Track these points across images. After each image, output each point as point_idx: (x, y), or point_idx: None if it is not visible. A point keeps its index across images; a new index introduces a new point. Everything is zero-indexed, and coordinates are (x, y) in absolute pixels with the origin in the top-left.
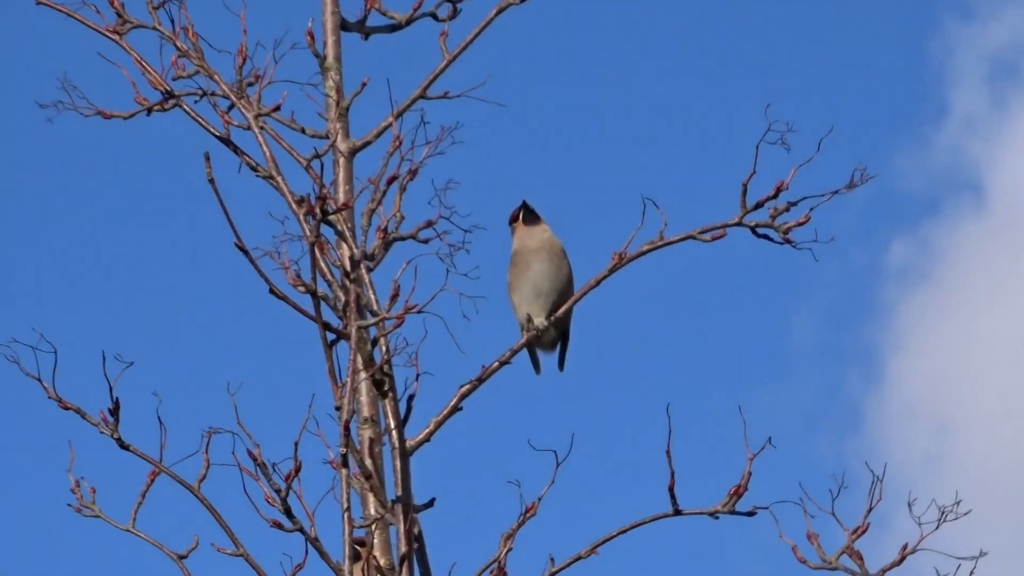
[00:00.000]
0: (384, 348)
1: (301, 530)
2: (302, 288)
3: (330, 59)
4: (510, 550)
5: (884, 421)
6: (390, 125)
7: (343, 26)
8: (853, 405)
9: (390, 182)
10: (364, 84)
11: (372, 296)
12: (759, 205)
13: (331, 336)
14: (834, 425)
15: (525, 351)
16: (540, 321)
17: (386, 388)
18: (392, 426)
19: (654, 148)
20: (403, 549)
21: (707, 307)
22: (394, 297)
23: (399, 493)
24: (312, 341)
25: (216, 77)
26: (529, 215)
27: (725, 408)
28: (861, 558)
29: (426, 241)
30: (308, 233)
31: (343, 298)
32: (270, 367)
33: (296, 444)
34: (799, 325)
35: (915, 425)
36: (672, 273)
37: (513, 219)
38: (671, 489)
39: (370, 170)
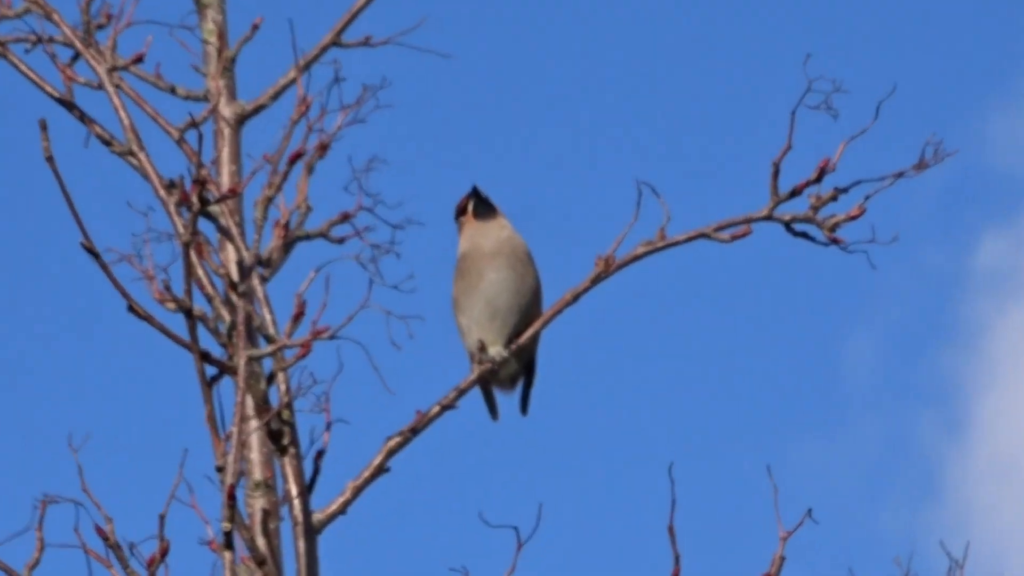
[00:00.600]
0: (284, 387)
1: None
2: (172, 305)
3: None
4: None
5: (968, 483)
6: (293, 82)
7: None
8: (927, 461)
9: (292, 161)
10: (256, 26)
11: (267, 316)
12: (796, 192)
13: (211, 371)
14: (901, 489)
15: (477, 390)
16: (497, 351)
17: (286, 442)
18: (294, 493)
19: (650, 117)
20: None
21: (727, 331)
22: (297, 317)
23: None
24: (186, 377)
25: (55, 17)
26: (482, 206)
27: (752, 467)
28: None
29: (341, 241)
30: (181, 230)
31: (228, 319)
32: (128, 412)
33: (162, 518)
34: (854, 354)
35: (1010, 489)
36: (678, 285)
37: (460, 211)
38: None
39: (265, 144)
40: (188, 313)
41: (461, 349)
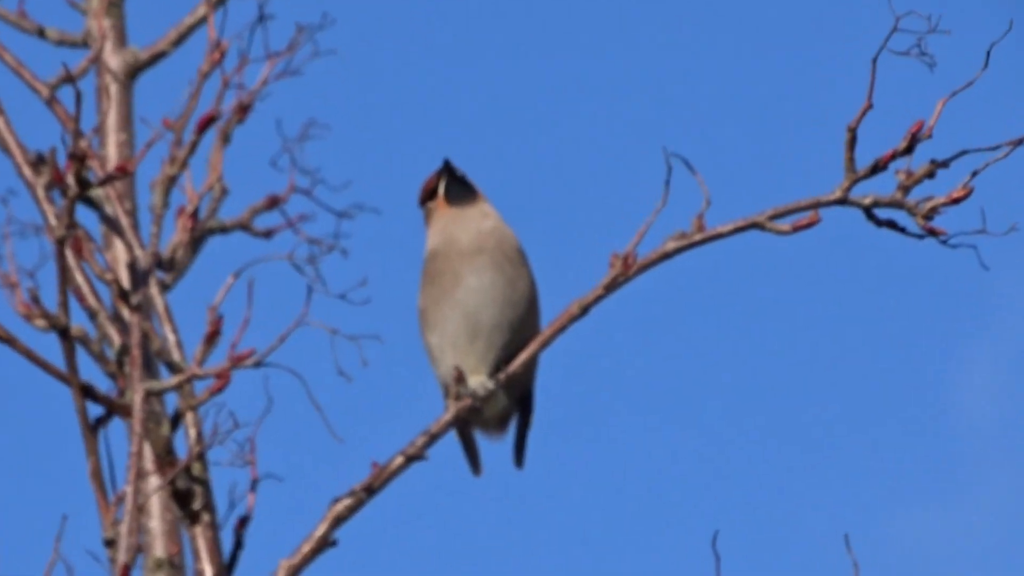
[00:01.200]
0: (194, 432)
1: None
2: (42, 322)
3: None
4: None
5: None
6: (202, 22)
7: None
8: None
9: (202, 127)
10: None
11: (170, 336)
12: (880, 167)
13: (96, 410)
14: None
15: (453, 435)
16: (479, 381)
17: (197, 506)
18: (209, 575)
19: (677, 69)
20: None
21: (786, 357)
22: (211, 338)
23: None
24: (62, 419)
25: None
26: (456, 187)
27: (829, 541)
28: None
29: (268, 234)
30: (53, 221)
31: (117, 340)
32: None
33: None
34: (965, 388)
35: None
36: (720, 293)
37: (428, 194)
38: None
39: (165, 106)
40: (63, 333)
41: (432, 379)
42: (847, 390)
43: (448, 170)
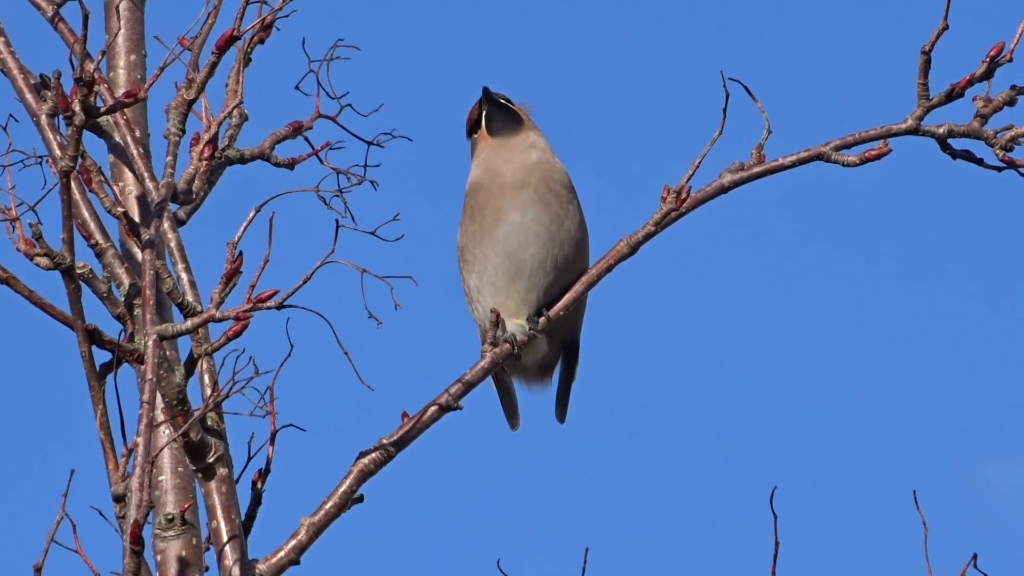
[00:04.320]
0: (209, 380)
1: None
2: (45, 260)
3: None
4: None
5: None
6: None
7: None
8: None
9: (222, 47)
10: None
11: (184, 276)
12: (955, 94)
13: (103, 356)
14: None
15: (489, 384)
16: (519, 325)
17: (212, 459)
18: (225, 534)
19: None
20: None
21: (857, 297)
22: (230, 277)
23: None
24: (67, 364)
25: None
26: (499, 116)
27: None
28: None
29: (292, 165)
30: (57, 152)
31: (126, 280)
32: None
33: (38, 569)
34: None
35: None
36: (783, 229)
37: (472, 125)
38: None
39: (180, 24)
40: (68, 272)
41: (469, 323)
42: (923, 332)
43: (488, 98)
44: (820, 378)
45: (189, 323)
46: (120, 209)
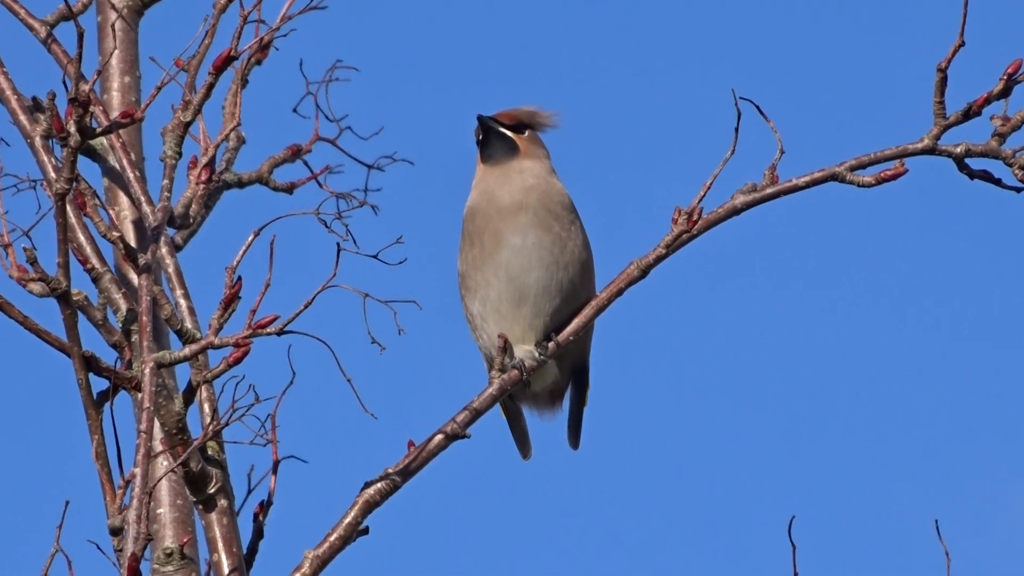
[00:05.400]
0: (209, 409)
1: None
2: (39, 286)
3: None
4: None
5: None
6: None
7: None
8: None
9: (219, 68)
10: None
11: (183, 302)
12: (972, 112)
13: (100, 384)
14: None
15: (498, 412)
16: (527, 352)
17: (212, 490)
18: (226, 567)
19: (750, 8)
20: None
21: (878, 319)
22: (229, 303)
23: None
24: (63, 393)
25: None
26: (494, 142)
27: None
28: None
29: (290, 189)
30: (52, 175)
31: (123, 306)
32: None
33: None
34: None
35: None
36: (795, 253)
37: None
38: None
39: (176, 45)
40: (64, 298)
41: (474, 349)
42: (948, 359)
43: (483, 126)
44: (841, 404)
45: (187, 350)
46: (115, 234)
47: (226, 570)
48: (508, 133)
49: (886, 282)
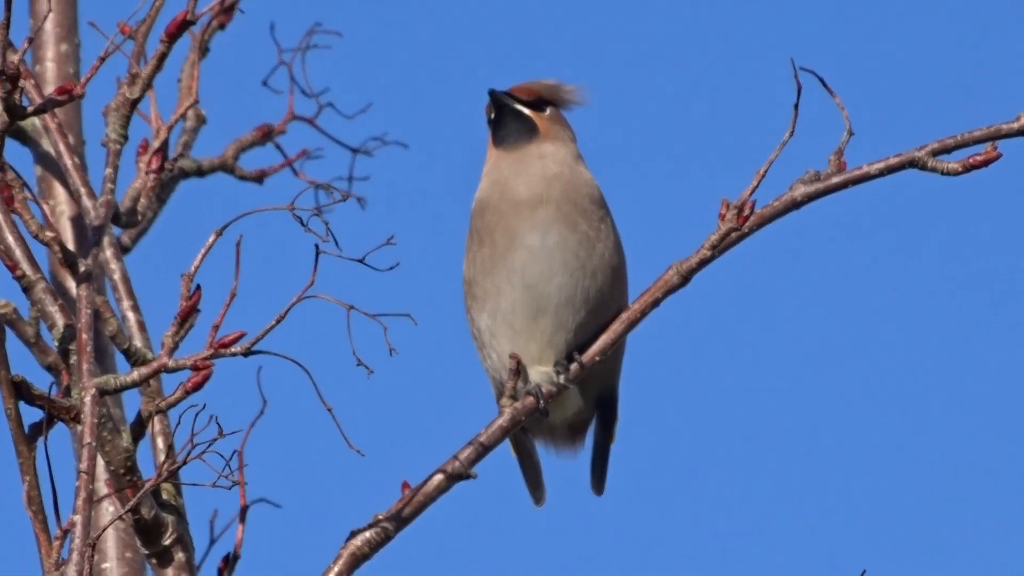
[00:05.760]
0: (163, 444)
1: None
2: None
3: None
4: None
5: None
6: None
7: None
8: None
9: (172, 36)
10: None
11: (132, 316)
12: None
13: (33, 415)
14: None
15: (507, 448)
16: (545, 374)
17: (167, 541)
18: None
19: None
20: None
21: (966, 328)
22: (186, 316)
23: None
24: None
25: None
26: (508, 121)
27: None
28: None
29: (260, 178)
30: None
31: (60, 321)
32: None
33: None
34: None
35: None
36: (865, 252)
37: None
38: None
39: (121, 7)
40: None
41: (481, 372)
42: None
43: (496, 102)
44: (901, 439)
45: (136, 374)
46: (50, 234)
47: None
48: (526, 111)
49: (970, 290)
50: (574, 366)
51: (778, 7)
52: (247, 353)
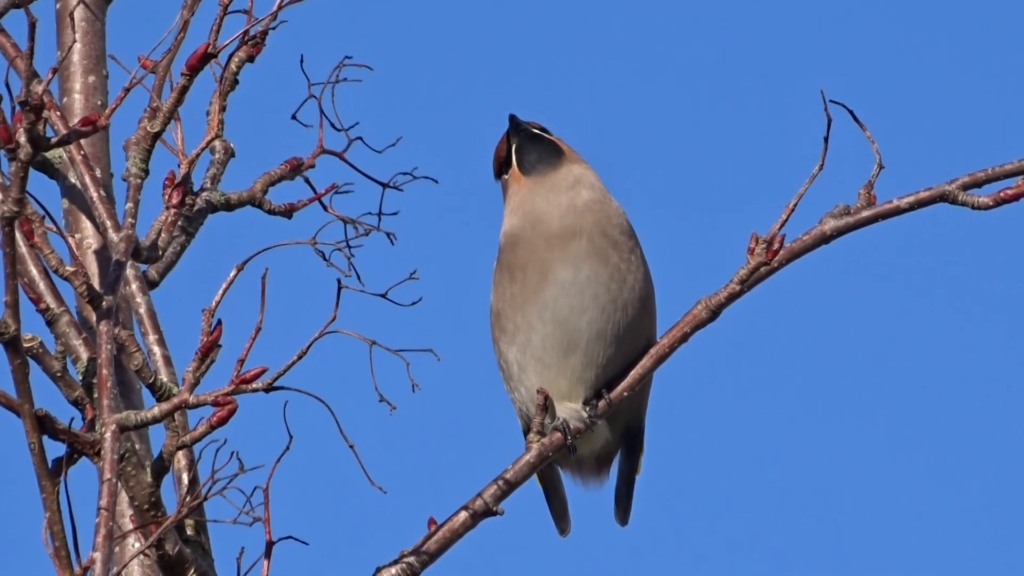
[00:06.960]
0: (187, 479)
1: None
2: None
3: None
4: None
5: None
6: None
7: None
8: None
9: (193, 69)
10: None
11: (156, 350)
12: None
13: (56, 449)
14: None
15: (535, 483)
16: (574, 411)
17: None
18: None
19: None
20: None
21: (994, 365)
22: (207, 351)
23: None
24: (13, 459)
25: None
26: (534, 148)
27: None
28: None
29: (289, 213)
30: None
31: (83, 355)
32: None
33: None
34: None
35: None
36: (895, 289)
37: (500, 163)
38: None
39: (147, 39)
40: (13, 344)
41: (508, 407)
42: None
43: (517, 128)
44: (934, 473)
45: (157, 410)
46: (71, 268)
47: None
48: (550, 136)
49: (1005, 328)
50: (602, 403)
51: (809, 40)
52: (268, 389)
